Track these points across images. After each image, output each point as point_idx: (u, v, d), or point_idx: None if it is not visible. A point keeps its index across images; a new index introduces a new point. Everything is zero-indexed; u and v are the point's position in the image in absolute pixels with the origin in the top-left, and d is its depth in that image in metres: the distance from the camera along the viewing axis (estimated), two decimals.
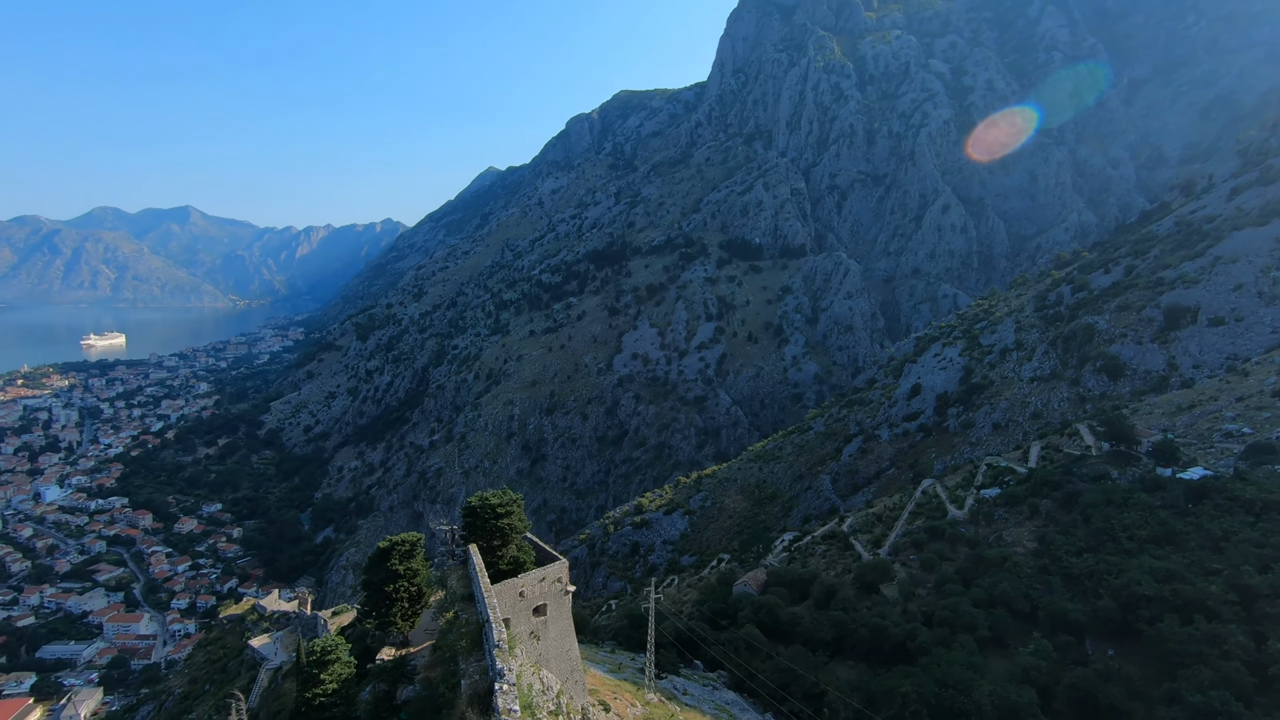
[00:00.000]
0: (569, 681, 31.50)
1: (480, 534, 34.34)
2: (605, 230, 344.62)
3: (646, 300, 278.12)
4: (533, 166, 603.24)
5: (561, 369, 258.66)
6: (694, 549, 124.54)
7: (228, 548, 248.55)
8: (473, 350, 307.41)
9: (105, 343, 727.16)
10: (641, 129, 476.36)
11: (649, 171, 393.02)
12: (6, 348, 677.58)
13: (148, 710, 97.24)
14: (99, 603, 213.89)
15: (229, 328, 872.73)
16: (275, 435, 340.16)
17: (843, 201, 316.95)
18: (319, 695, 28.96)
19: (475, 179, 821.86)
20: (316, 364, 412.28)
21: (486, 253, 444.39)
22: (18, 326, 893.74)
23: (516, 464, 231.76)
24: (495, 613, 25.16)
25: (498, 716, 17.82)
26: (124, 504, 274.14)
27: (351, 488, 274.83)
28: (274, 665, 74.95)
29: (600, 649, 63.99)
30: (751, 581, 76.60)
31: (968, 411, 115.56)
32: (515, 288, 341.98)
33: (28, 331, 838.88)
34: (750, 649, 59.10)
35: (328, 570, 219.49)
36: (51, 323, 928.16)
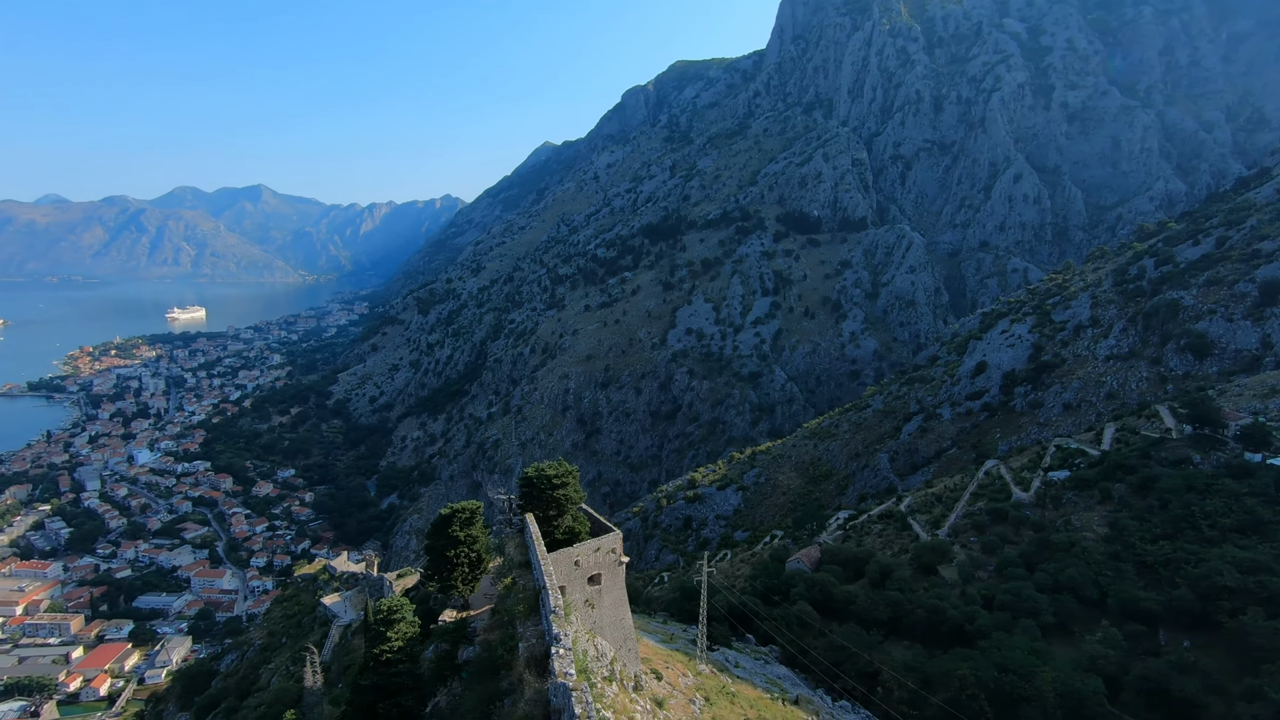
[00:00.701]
0: (622, 649, 32.14)
1: (537, 504, 35.15)
2: (660, 204, 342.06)
3: (701, 275, 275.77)
4: (588, 141, 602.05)
5: (616, 344, 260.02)
6: (747, 524, 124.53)
7: (301, 511, 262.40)
8: (529, 324, 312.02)
9: (187, 316, 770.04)
10: (698, 100, 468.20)
11: (705, 144, 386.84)
12: (101, 320, 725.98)
13: (231, 659, 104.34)
14: (186, 559, 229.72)
15: (299, 302, 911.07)
16: (343, 405, 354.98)
17: (906, 172, 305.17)
18: (386, 652, 30.42)
19: (531, 154, 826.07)
20: (380, 337, 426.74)
21: (542, 228, 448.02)
22: (110, 300, 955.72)
23: (571, 437, 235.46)
24: (551, 580, 25.78)
25: (554, 679, 18.34)
26: (207, 468, 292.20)
27: (414, 457, 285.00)
28: (344, 622, 79.16)
29: (652, 619, 65.00)
30: (805, 559, 76.20)
31: (1036, 391, 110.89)
32: (570, 262, 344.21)
33: (119, 305, 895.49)
34: (803, 625, 59.00)
35: (392, 535, 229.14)
36: (139, 297, 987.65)
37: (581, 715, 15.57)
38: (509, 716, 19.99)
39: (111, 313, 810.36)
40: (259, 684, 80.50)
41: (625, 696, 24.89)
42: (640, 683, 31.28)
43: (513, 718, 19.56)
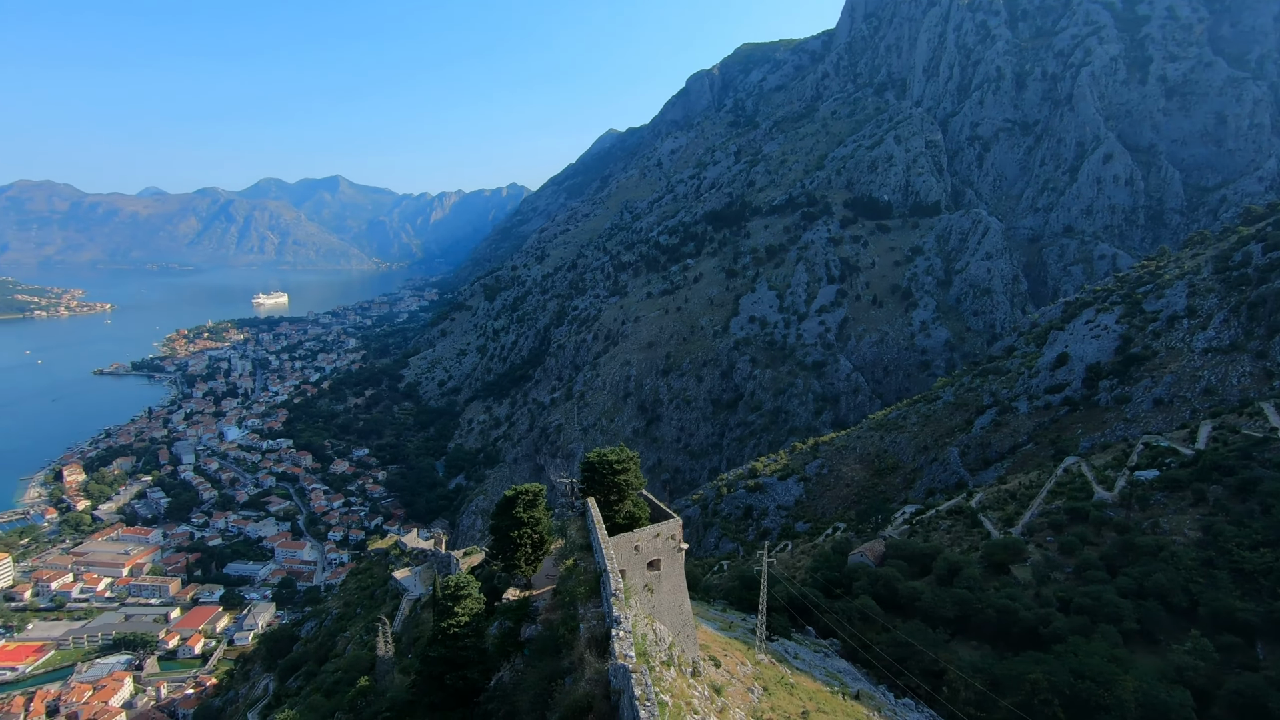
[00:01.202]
0: (680, 635, 32.35)
1: (598, 488, 35.65)
2: (724, 190, 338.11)
3: (765, 262, 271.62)
4: (652, 127, 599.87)
5: (677, 331, 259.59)
6: (808, 516, 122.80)
7: (374, 489, 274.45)
8: (592, 311, 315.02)
9: (271, 301, 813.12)
10: (764, 83, 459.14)
11: (771, 128, 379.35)
12: (195, 305, 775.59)
13: (311, 626, 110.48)
14: (270, 530, 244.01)
15: (373, 288, 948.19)
16: (414, 388, 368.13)
17: (984, 153, 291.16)
18: (453, 626, 31.58)
19: (595, 142, 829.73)
20: (449, 323, 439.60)
21: (605, 215, 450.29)
22: (203, 286, 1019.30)
23: (632, 423, 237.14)
24: (612, 564, 26.14)
25: (614, 660, 18.64)
26: (289, 445, 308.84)
27: (480, 439, 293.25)
28: (414, 596, 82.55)
29: (711, 607, 65.09)
30: (868, 552, 74.65)
31: (1123, 385, 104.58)
32: (633, 250, 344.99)
33: (211, 291, 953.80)
34: (865, 620, 57.93)
35: (459, 514, 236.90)
36: (229, 283, 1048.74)
37: (641, 697, 15.78)
38: (570, 694, 20.46)
39: (204, 298, 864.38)
40: (335, 650, 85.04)
41: (683, 681, 25.08)
42: (698, 669, 31.44)
43: (573, 696, 20.01)
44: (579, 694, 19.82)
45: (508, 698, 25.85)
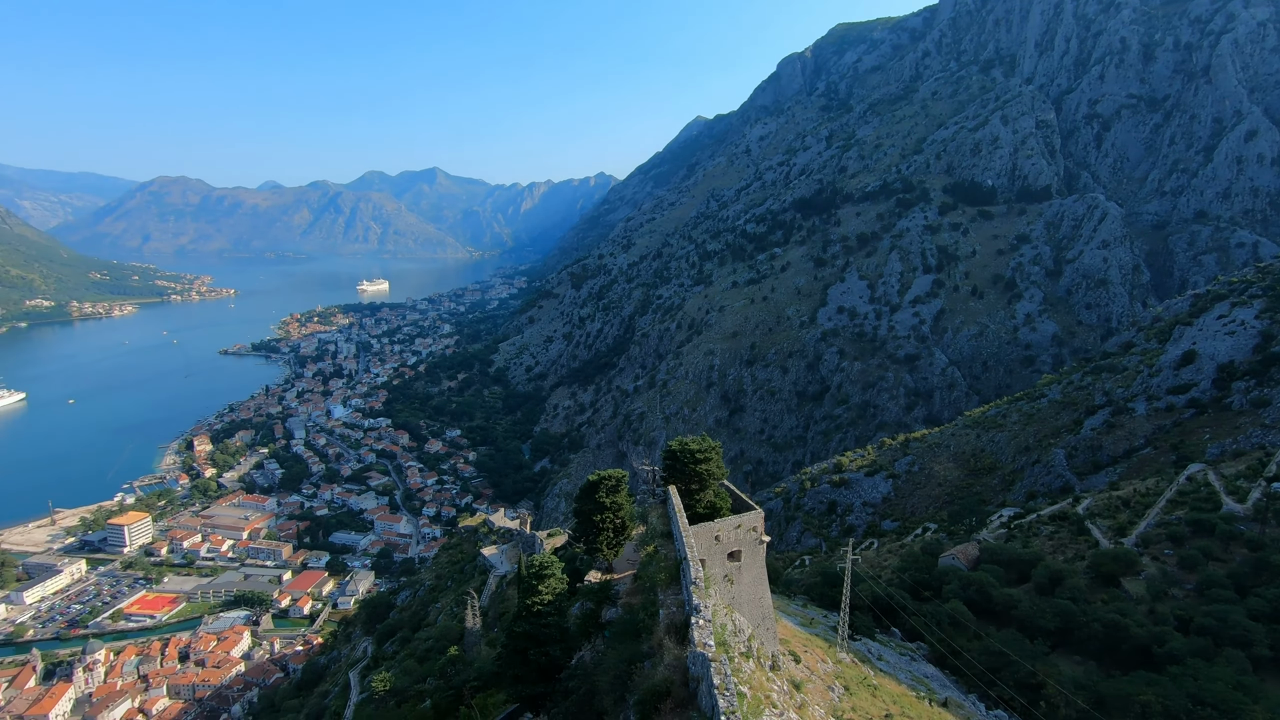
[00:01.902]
0: (760, 628, 32.08)
1: (679, 477, 35.73)
2: (814, 177, 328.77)
3: (856, 250, 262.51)
4: (740, 113, 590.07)
5: (763, 321, 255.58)
6: (896, 514, 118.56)
7: (465, 468, 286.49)
8: (676, 300, 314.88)
9: (374, 288, 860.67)
10: (859, 65, 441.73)
11: (865, 111, 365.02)
12: (306, 291, 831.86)
13: (406, 595, 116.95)
14: (371, 503, 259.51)
15: (466, 276, 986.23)
16: (503, 373, 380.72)
17: (1103, 133, 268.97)
18: (537, 604, 32.65)
19: (683, 130, 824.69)
20: (537, 310, 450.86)
21: (692, 203, 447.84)
22: (313, 274, 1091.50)
23: (715, 413, 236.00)
24: (693, 552, 26.19)
25: (694, 648, 18.73)
26: (388, 424, 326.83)
27: (565, 424, 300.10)
28: (500, 573, 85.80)
29: (792, 602, 64.15)
30: (961, 555, 71.34)
31: (1262, 387, 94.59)
32: (719, 238, 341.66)
33: (320, 278, 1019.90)
34: (955, 625, 55.51)
35: (544, 496, 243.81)
36: (336, 270, 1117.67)
37: (720, 686, 15.79)
38: (649, 678, 20.73)
39: (314, 284, 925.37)
40: (428, 620, 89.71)
41: (762, 674, 24.87)
42: (777, 662, 31.11)
43: (652, 679, 20.26)
44: (658, 678, 20.04)
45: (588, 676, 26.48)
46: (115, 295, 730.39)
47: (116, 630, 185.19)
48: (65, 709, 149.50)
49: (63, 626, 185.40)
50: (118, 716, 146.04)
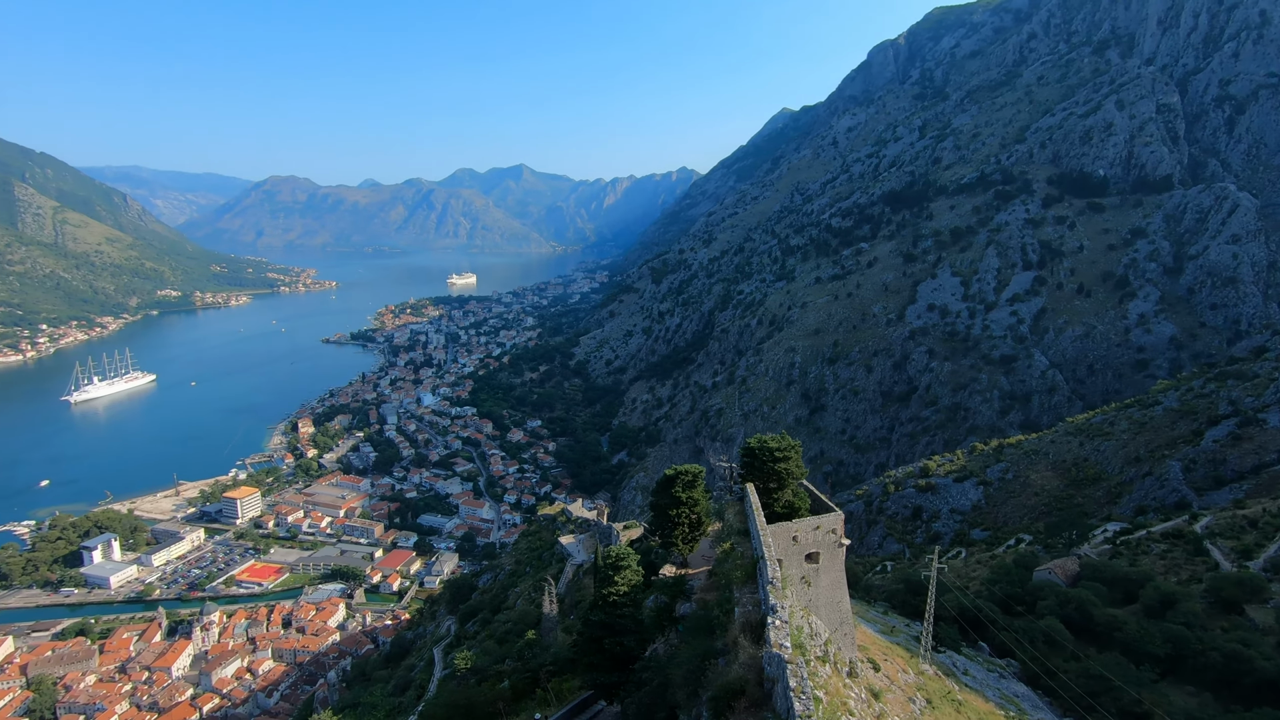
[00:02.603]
0: (838, 632, 31.36)
1: (757, 475, 35.38)
2: (905, 169, 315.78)
3: (949, 246, 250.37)
4: (828, 104, 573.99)
5: (847, 318, 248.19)
6: (987, 523, 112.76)
7: (545, 458, 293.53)
8: (757, 296, 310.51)
9: (462, 281, 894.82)
10: (957, 50, 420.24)
11: (963, 99, 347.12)
12: (401, 283, 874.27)
13: (487, 578, 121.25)
14: (456, 488, 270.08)
15: (549, 270, 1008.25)
16: (583, 366, 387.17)
17: (1236, 116, 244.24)
18: (613, 594, 33.16)
19: (767, 122, 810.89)
20: (617, 304, 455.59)
21: (775, 198, 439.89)
22: (407, 267, 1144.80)
23: (795, 411, 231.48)
24: (770, 551, 25.91)
25: (769, 648, 18.55)
26: (473, 413, 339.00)
27: (642, 418, 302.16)
28: (577, 561, 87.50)
29: (871, 608, 62.27)
30: (1058, 570, 67.16)
31: None
32: (803, 233, 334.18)
33: (413, 271, 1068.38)
34: (1050, 644, 52.36)
35: (621, 489, 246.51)
36: (428, 264, 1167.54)
37: (796, 689, 15.58)
38: (723, 675, 20.69)
39: (408, 277, 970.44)
40: (507, 603, 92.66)
41: (838, 680, 24.33)
42: (855, 669, 30.33)
43: (727, 677, 20.21)
44: (732, 676, 19.99)
45: (661, 669, 26.69)
46: (232, 286, 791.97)
47: (229, 595, 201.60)
48: (185, 663, 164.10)
49: (184, 588, 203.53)
50: (229, 674, 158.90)
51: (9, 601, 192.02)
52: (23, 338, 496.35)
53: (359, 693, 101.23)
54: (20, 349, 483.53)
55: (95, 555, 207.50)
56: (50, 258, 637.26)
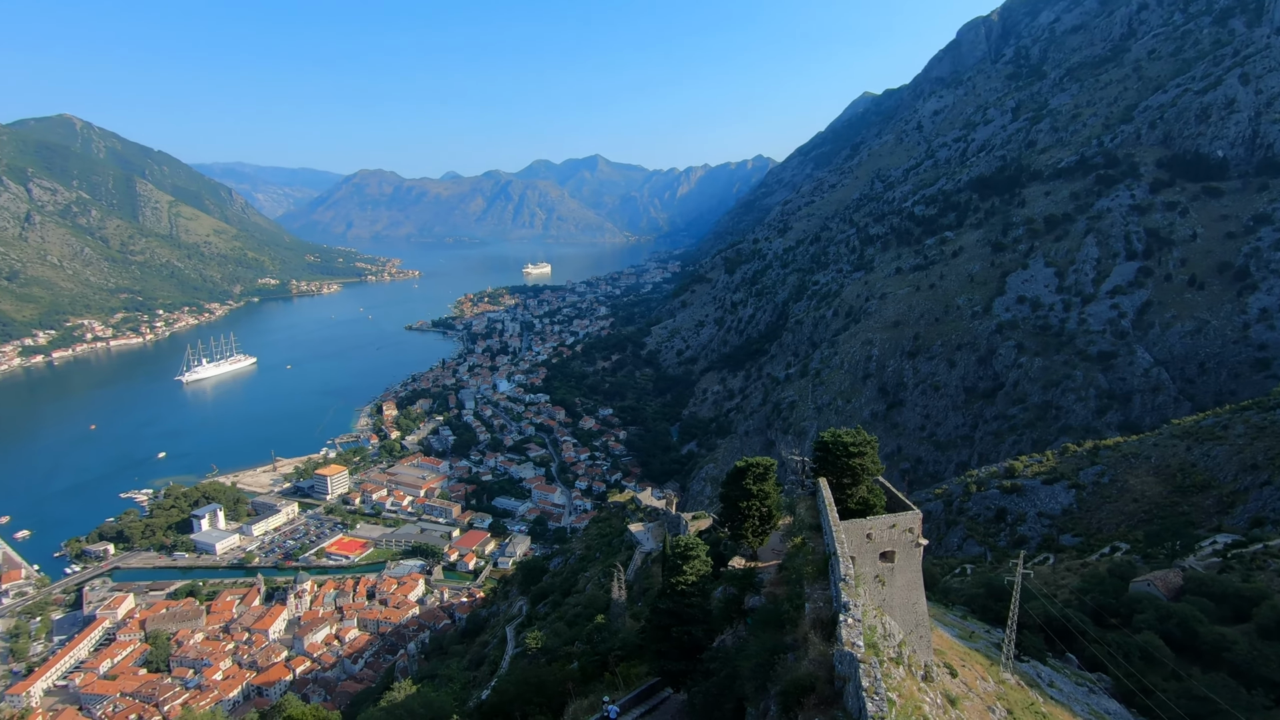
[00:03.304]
0: (913, 635, 30.41)
1: (830, 470, 34.66)
2: (996, 153, 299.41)
3: (1043, 234, 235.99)
4: (912, 87, 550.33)
5: (929, 310, 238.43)
6: (1079, 529, 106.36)
7: (615, 446, 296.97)
8: (833, 286, 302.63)
9: (538, 271, 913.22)
10: (1056, 25, 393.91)
11: (1062, 77, 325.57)
12: (479, 273, 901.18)
13: (558, 561, 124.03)
14: (529, 473, 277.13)
15: (622, 260, 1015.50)
16: (654, 356, 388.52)
17: None
18: (681, 583, 33.26)
19: (847, 107, 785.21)
20: (689, 294, 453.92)
21: (854, 185, 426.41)
22: (485, 257, 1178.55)
23: (871, 406, 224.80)
24: (843, 548, 25.36)
25: (841, 646, 18.19)
26: (546, 400, 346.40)
27: (713, 409, 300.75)
28: (646, 549, 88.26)
29: (949, 612, 60.03)
30: (1159, 582, 62.76)
31: None
32: (883, 221, 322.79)
33: (490, 261, 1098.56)
34: (1147, 660, 49.08)
35: (690, 479, 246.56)
36: (505, 254, 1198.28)
37: (869, 689, 15.23)
38: (792, 671, 20.46)
39: (485, 267, 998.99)
40: (577, 587, 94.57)
41: (913, 683, 23.63)
42: (930, 673, 29.37)
43: (796, 673, 19.97)
44: (802, 672, 19.73)
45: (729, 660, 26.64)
46: (324, 275, 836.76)
47: (319, 566, 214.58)
48: (280, 627, 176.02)
49: (279, 558, 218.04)
50: (319, 639, 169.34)
51: (130, 561, 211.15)
52: (143, 322, 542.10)
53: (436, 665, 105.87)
54: (141, 332, 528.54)
55: (203, 523, 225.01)
56: (166, 248, 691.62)
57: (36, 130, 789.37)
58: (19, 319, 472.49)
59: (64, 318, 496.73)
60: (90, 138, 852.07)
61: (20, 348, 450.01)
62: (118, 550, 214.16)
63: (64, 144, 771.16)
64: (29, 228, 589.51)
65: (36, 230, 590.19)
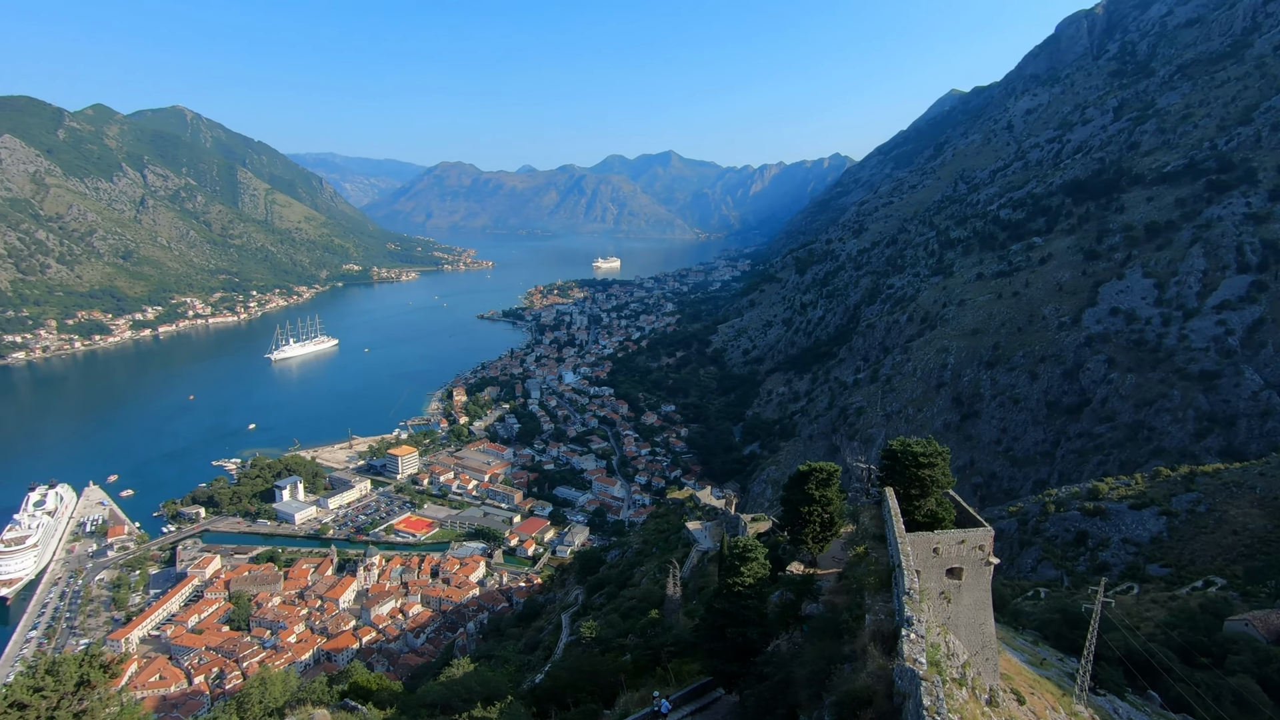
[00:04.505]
0: (978, 656, 29.24)
1: (898, 479, 33.71)
2: (1094, 155, 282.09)
3: (1142, 242, 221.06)
4: (1004, 84, 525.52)
5: (1011, 319, 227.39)
6: (1168, 559, 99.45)
7: (676, 443, 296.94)
8: (909, 291, 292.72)
9: (607, 265, 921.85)
10: (1169, 19, 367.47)
11: (1172, 74, 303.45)
12: (550, 266, 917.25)
13: (615, 554, 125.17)
14: (590, 465, 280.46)
15: (691, 257, 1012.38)
16: (719, 354, 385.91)
17: None
18: (737, 584, 33.06)
19: (933, 105, 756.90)
20: (758, 294, 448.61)
21: (936, 186, 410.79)
22: (556, 250, 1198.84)
23: (944, 416, 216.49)
24: (908, 561, 24.61)
25: (902, 661, 17.67)
26: (610, 393, 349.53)
27: (777, 411, 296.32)
28: (703, 548, 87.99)
29: (1019, 636, 57.32)
30: (1258, 623, 58.07)
31: None
32: (965, 224, 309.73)
33: (561, 254, 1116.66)
34: (1241, 705, 45.52)
35: (750, 480, 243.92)
36: (575, 247, 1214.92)
37: (930, 708, 14.74)
38: (849, 682, 20.02)
39: (556, 260, 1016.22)
40: (632, 580, 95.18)
41: (976, 706, 22.73)
42: (996, 698, 28.21)
43: (853, 685, 19.54)
44: (859, 684, 19.30)
45: (784, 666, 26.31)
46: (404, 263, 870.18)
47: (388, 541, 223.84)
48: (350, 597, 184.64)
49: (351, 531, 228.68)
50: (385, 612, 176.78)
51: (219, 525, 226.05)
52: (238, 301, 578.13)
53: (493, 645, 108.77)
54: (236, 311, 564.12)
55: (284, 494, 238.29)
56: (262, 233, 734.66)
57: (153, 121, 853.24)
58: (131, 295, 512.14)
59: (170, 295, 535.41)
60: (199, 128, 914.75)
61: (131, 321, 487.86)
62: (208, 514, 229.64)
63: (176, 133, 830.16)
64: (143, 211, 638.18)
65: (149, 214, 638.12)
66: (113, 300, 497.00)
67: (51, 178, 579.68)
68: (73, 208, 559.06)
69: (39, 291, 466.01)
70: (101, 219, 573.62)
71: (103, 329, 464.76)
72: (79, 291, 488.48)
